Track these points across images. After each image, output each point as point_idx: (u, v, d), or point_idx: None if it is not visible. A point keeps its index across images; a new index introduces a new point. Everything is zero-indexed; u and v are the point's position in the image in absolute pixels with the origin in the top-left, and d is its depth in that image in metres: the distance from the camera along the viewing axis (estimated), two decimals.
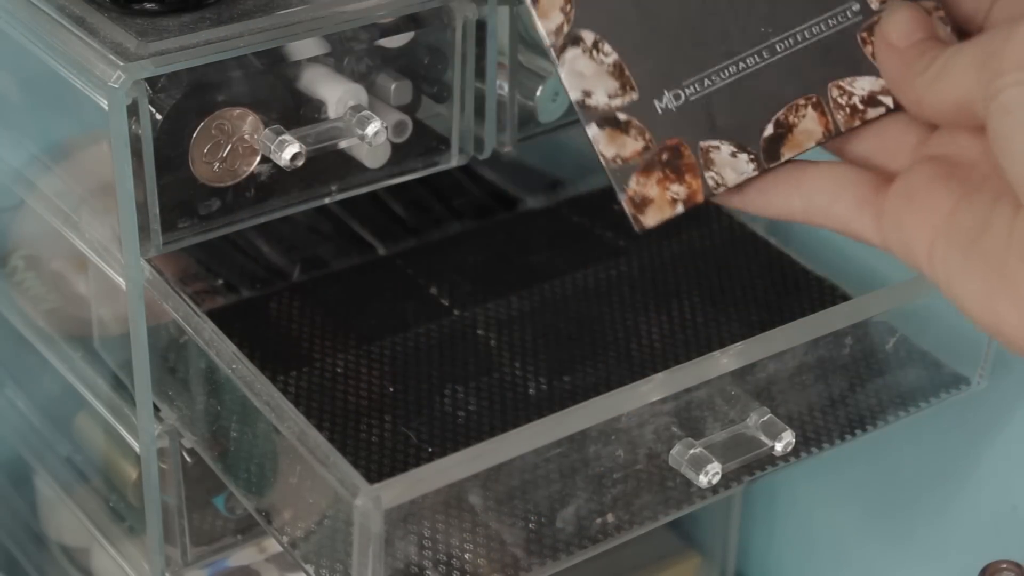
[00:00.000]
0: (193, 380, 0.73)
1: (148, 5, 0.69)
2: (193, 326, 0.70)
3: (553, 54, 0.55)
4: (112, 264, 0.72)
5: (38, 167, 0.80)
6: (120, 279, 0.71)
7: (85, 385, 0.81)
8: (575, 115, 0.56)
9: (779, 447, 0.73)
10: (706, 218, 0.95)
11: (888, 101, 0.57)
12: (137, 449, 0.76)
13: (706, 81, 0.56)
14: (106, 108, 0.66)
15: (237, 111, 0.70)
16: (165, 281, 0.71)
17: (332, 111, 0.72)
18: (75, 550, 0.93)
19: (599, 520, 0.75)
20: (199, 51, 0.68)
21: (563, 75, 0.55)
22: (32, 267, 0.86)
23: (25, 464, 0.94)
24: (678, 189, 0.57)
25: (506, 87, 0.78)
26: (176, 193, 0.70)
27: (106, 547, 0.86)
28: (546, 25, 0.55)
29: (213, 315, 0.72)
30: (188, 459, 0.78)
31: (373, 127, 0.72)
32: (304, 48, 0.72)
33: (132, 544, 0.84)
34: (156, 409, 0.75)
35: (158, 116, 0.68)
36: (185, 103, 0.68)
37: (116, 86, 0.66)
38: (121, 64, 0.66)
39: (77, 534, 0.92)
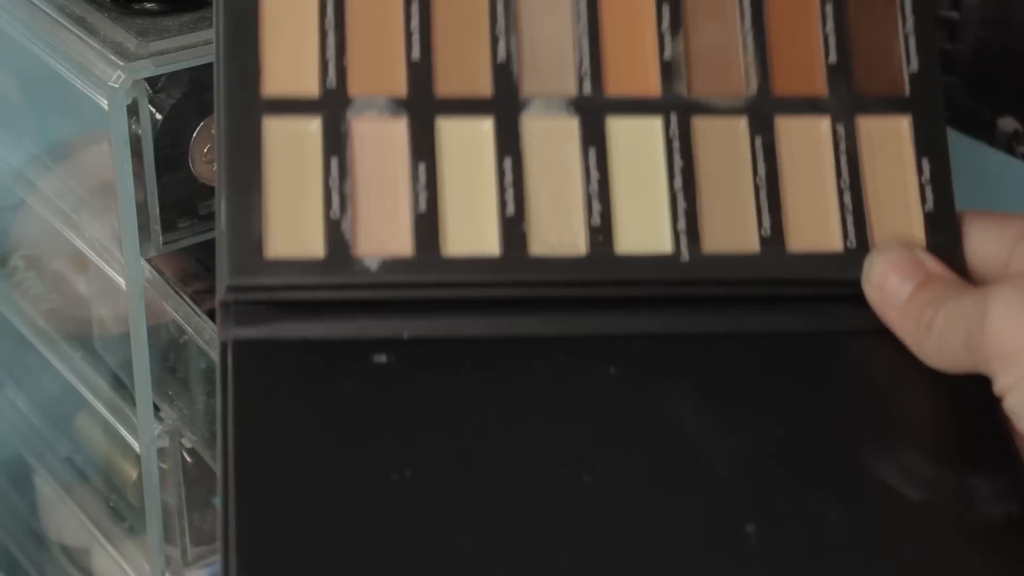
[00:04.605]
0: (193, 380, 0.73)
1: (148, 5, 0.69)
2: (193, 326, 0.70)
3: None
4: (112, 264, 0.72)
5: (38, 167, 0.80)
6: (120, 279, 0.71)
7: (85, 385, 0.81)
8: None
9: None
10: None
11: None
12: (137, 449, 0.76)
13: None
14: (106, 108, 0.66)
15: None
16: (165, 281, 0.71)
17: None
18: (75, 550, 0.93)
19: None
20: (199, 51, 0.68)
21: None
22: (32, 267, 0.86)
23: (25, 464, 0.94)
24: None
25: None
26: (176, 193, 0.70)
27: (106, 547, 0.86)
28: None
29: (213, 315, 0.72)
30: (188, 459, 0.78)
31: None
32: None
33: (132, 544, 0.84)
34: (156, 409, 0.75)
35: (158, 116, 0.68)
36: (185, 103, 0.68)
37: (116, 86, 0.66)
38: (121, 64, 0.66)
39: (77, 534, 0.92)
